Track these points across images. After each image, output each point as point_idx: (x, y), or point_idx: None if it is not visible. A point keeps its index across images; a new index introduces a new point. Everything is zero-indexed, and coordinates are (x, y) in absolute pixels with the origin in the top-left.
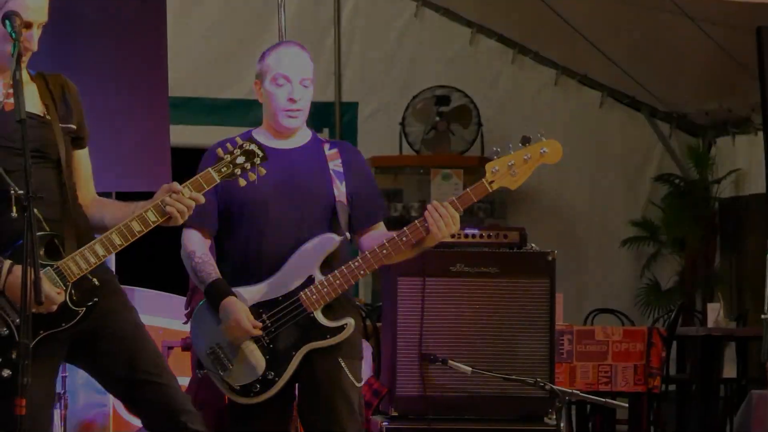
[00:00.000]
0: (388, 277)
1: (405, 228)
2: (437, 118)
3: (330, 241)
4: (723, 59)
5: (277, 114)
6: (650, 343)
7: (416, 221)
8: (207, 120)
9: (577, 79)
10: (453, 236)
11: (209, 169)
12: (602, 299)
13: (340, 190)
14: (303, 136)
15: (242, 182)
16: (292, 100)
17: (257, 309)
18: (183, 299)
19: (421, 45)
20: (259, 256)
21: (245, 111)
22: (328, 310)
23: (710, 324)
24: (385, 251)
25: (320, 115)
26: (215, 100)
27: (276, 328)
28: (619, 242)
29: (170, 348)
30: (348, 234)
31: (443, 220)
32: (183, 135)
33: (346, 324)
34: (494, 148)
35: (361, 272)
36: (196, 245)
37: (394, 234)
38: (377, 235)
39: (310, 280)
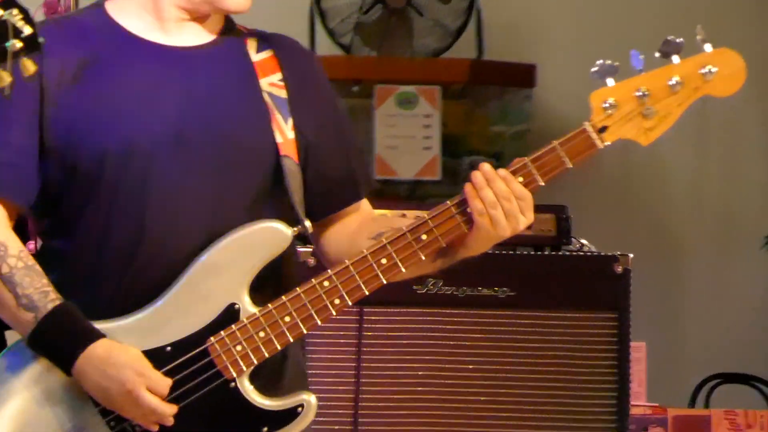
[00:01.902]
0: None
1: (425, 215)
2: None
3: (274, 234)
4: None
5: None
6: None
7: (448, 202)
8: None
9: None
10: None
11: None
12: (729, 355)
13: (285, 136)
14: (213, 23)
15: None
16: None
17: None
18: None
19: None
20: (130, 262)
21: None
22: (262, 377)
23: None
24: (384, 259)
25: None
26: None
27: None
28: (762, 242)
29: None
30: (307, 223)
31: (502, 204)
32: None
33: (302, 405)
34: (605, 62)
35: (336, 301)
36: (1, 231)
37: (403, 226)
38: (361, 224)
39: (230, 315)
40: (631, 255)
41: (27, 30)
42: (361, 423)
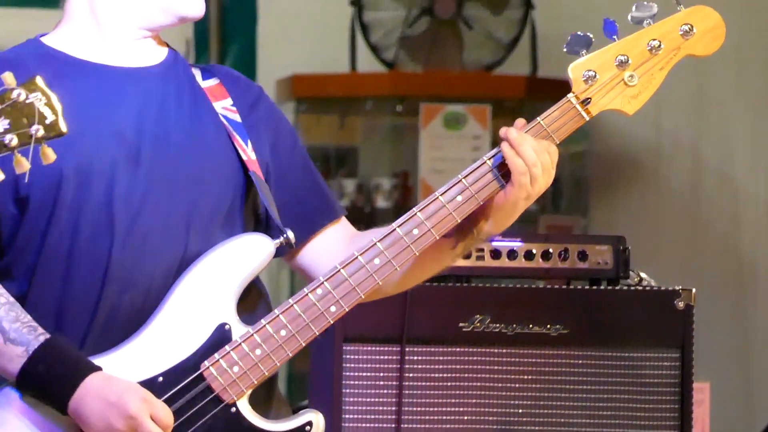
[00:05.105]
0: (323, 342)
1: (414, 210)
2: None
3: (257, 247)
4: None
5: None
6: None
7: (436, 193)
8: None
9: None
10: (467, 257)
11: None
12: None
13: (248, 155)
14: (157, 50)
15: None
16: None
17: None
18: None
19: None
20: (100, 294)
21: None
22: (261, 399)
23: None
24: (376, 259)
25: None
26: None
27: None
28: None
29: None
30: (290, 233)
31: (541, 158)
32: None
33: (309, 424)
34: (577, 34)
35: (332, 308)
36: None
37: (394, 223)
38: (348, 244)
39: (221, 336)
40: (694, 290)
41: (50, 116)
42: None
